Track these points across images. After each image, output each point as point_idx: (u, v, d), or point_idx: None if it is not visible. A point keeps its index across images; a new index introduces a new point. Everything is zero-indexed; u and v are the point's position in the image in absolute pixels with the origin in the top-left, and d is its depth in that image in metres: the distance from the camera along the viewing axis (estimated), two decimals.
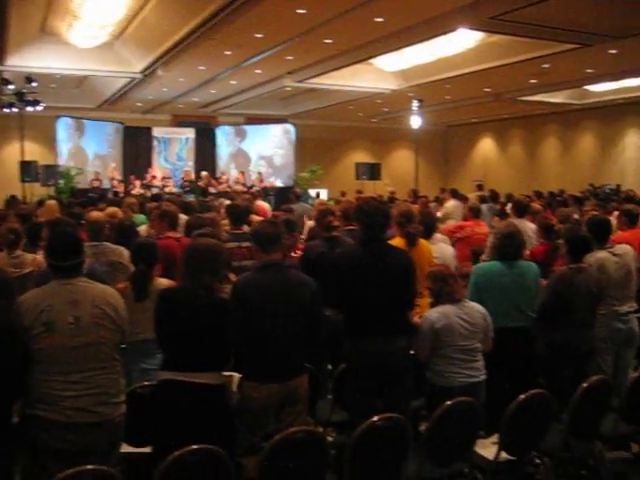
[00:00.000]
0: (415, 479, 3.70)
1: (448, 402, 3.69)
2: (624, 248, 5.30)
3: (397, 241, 5.19)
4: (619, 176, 20.72)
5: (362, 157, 25.71)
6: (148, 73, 16.59)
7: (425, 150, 25.03)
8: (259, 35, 13.20)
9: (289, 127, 22.92)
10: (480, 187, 17.26)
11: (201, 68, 16.31)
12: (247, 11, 11.35)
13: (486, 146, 27.17)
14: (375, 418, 3.43)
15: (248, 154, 23.20)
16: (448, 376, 4.27)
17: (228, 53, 14.69)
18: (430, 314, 4.38)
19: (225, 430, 3.64)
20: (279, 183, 21.68)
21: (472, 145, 27.66)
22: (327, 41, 13.77)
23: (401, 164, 26.75)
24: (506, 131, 25.94)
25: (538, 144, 24.65)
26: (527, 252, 5.91)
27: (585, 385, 4.05)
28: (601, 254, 5.16)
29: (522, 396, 3.81)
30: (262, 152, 22.99)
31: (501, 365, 4.53)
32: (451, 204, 11.80)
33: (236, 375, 3.92)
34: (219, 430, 3.56)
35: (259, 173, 21.47)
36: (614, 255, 5.23)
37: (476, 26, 12.56)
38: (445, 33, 13.13)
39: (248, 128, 23.64)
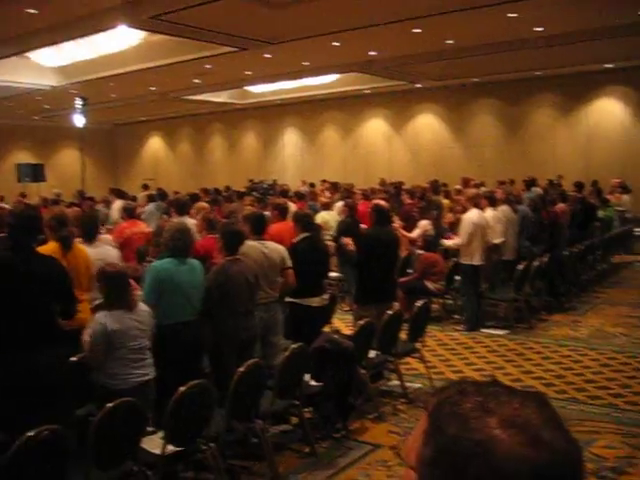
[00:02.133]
0: None
1: (109, 404, 3.67)
2: (273, 244, 5.73)
3: (51, 246, 5.00)
4: (281, 172, 22.27)
5: (24, 157, 24.11)
6: None
7: (92, 149, 24.28)
8: None
9: None
10: (146, 187, 17.28)
11: None
12: None
13: (155, 145, 27.26)
14: (31, 432, 3.29)
15: None
16: (124, 378, 4.23)
17: None
18: (101, 317, 4.27)
19: None
20: None
21: (141, 144, 27.55)
22: None
23: (67, 164, 25.60)
24: (175, 130, 26.31)
25: (206, 142, 25.43)
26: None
27: (241, 369, 4.33)
28: (250, 243, 5.52)
29: (182, 388, 3.94)
30: None
31: (174, 359, 4.64)
32: (117, 205, 11.64)
33: None
34: None
35: None
36: (264, 247, 5.63)
37: (136, 25, 12.50)
38: (104, 30, 12.86)
39: None
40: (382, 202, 7.86)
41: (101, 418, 3.65)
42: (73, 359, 4.42)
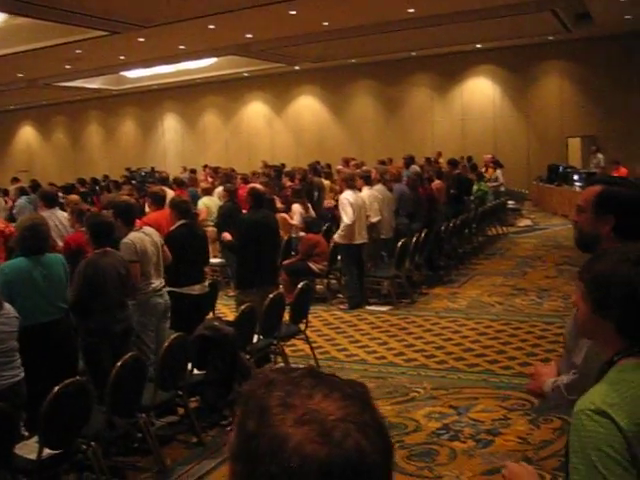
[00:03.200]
0: None
1: None
2: (150, 230, 5.62)
3: None
4: (162, 158, 21.82)
5: None
6: None
7: None
8: None
9: None
10: (16, 179, 16.57)
11: None
12: None
13: (28, 134, 26.03)
14: None
15: None
16: None
17: None
18: None
19: None
20: None
21: (12, 133, 26.23)
22: None
23: None
24: (48, 118, 25.20)
25: (82, 131, 24.54)
26: (60, 243, 5.87)
27: (119, 364, 4.22)
28: (134, 234, 5.39)
29: (56, 388, 3.80)
30: None
31: (42, 362, 4.45)
32: None
33: None
34: None
35: None
36: (145, 235, 5.51)
37: None
38: None
39: None
40: (258, 185, 7.86)
41: None
42: None
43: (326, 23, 14.49)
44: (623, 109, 16.85)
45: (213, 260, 8.63)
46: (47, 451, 3.89)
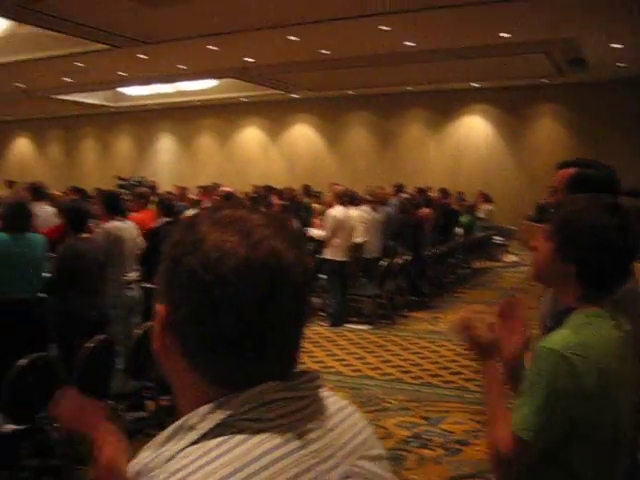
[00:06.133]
0: None
1: None
2: (130, 222, 5.63)
3: None
4: (154, 178, 21.81)
5: None
6: None
7: None
8: None
9: None
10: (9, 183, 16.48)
11: None
12: None
13: (22, 146, 26.06)
14: None
15: None
16: None
17: None
18: None
19: None
20: None
21: (7, 144, 26.26)
22: None
23: None
24: (44, 131, 25.25)
25: (77, 146, 24.60)
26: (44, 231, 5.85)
27: (89, 345, 4.19)
28: (120, 224, 5.40)
29: (22, 360, 3.76)
30: None
31: (8, 337, 4.41)
32: None
33: None
34: None
35: None
36: (125, 226, 5.52)
37: (1, 13, 11.96)
38: None
39: None
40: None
41: None
42: None
43: (325, 51, 14.66)
44: (614, 154, 17.03)
45: None
46: (8, 426, 3.85)
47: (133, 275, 5.50)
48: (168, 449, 0.81)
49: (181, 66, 16.41)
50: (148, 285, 5.74)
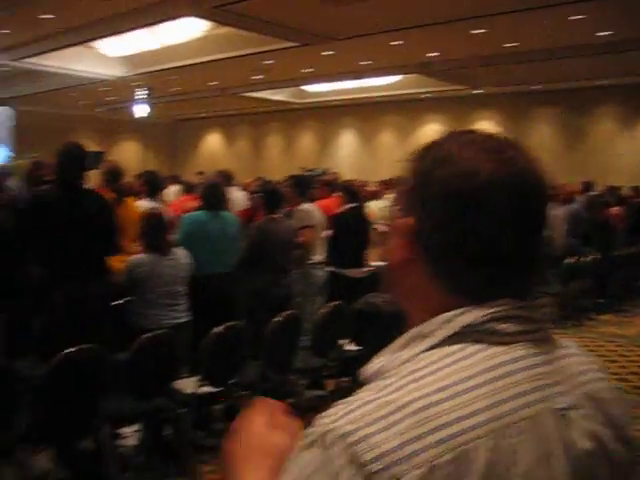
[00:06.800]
0: (114, 414, 3.74)
1: (144, 336, 3.77)
2: (316, 207, 5.81)
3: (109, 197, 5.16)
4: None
5: (87, 147, 24.71)
6: None
7: (153, 143, 24.84)
8: None
9: (5, 111, 21.36)
10: (201, 173, 17.54)
11: None
12: None
13: (214, 141, 27.69)
14: (69, 350, 3.39)
15: None
16: (155, 319, 4.34)
17: None
18: (134, 259, 4.42)
19: None
20: None
21: (200, 140, 28.02)
22: (45, 17, 13.08)
23: (128, 158, 26.16)
24: (233, 127, 26.66)
25: (263, 141, 25.72)
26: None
27: (277, 320, 4.38)
28: (309, 205, 5.60)
29: (219, 328, 4.01)
30: None
31: (207, 309, 4.72)
32: (172, 189, 11.89)
33: None
34: None
35: None
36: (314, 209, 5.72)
37: (200, 14, 12.76)
38: (169, 19, 13.17)
39: None
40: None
41: (133, 351, 3.75)
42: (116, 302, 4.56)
43: (512, 44, 14.23)
44: None
45: None
46: (204, 389, 4.12)
47: (321, 257, 5.67)
48: (404, 354, 0.84)
49: (365, 62, 16.63)
50: (333, 269, 5.90)
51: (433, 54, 15.62)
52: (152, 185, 5.99)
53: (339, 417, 0.75)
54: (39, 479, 3.78)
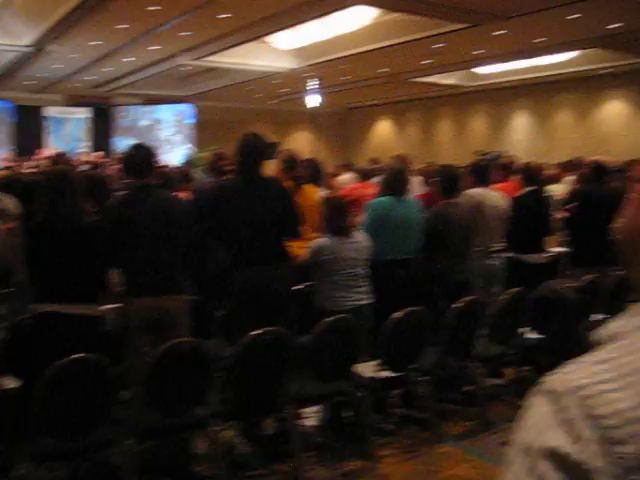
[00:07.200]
0: (297, 395, 3.86)
1: (328, 319, 3.85)
2: (495, 192, 5.64)
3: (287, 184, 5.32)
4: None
5: None
6: (38, 47, 16.03)
7: (325, 132, 25.31)
8: (153, 8, 12.99)
9: (188, 108, 22.71)
10: (374, 160, 17.60)
11: (94, 43, 15.90)
12: None
13: (384, 128, 27.78)
14: (257, 332, 3.54)
15: (146, 135, 22.82)
16: (336, 300, 4.42)
17: (122, 27, 14.39)
18: (318, 242, 4.52)
19: None
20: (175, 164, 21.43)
21: (370, 127, 28.22)
22: (223, 16, 13.73)
23: (301, 146, 26.90)
24: (403, 114, 26.59)
25: (433, 126, 25.43)
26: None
27: (457, 305, 4.31)
28: (475, 190, 5.47)
29: (399, 313, 4.01)
30: (160, 133, 22.70)
31: (390, 293, 4.74)
32: (344, 177, 12.06)
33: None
34: None
35: None
36: (485, 194, 5.55)
37: (369, 2, 12.82)
38: (340, 9, 13.34)
39: (146, 109, 23.28)
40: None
41: (316, 334, 3.84)
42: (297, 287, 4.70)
43: None
44: None
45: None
46: (383, 373, 4.15)
47: (498, 245, 5.50)
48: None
49: (539, 39, 15.91)
50: (511, 254, 5.71)
51: (615, 25, 14.62)
52: (314, 172, 6.14)
53: (572, 371, 0.73)
54: (227, 451, 3.99)
